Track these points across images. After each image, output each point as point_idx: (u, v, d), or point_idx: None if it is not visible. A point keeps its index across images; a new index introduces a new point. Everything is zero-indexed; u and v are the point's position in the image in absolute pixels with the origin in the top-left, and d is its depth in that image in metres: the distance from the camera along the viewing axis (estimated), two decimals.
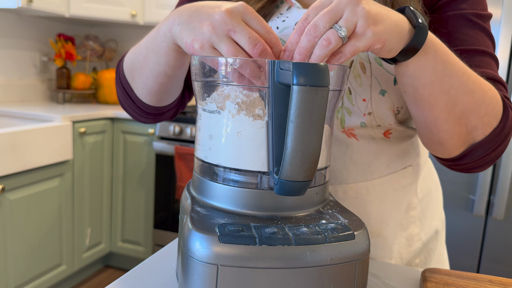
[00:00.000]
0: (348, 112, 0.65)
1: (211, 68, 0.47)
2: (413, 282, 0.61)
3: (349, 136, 0.67)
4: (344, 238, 0.44)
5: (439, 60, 0.53)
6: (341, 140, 0.67)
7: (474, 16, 0.64)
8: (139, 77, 0.67)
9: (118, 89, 0.73)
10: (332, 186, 0.69)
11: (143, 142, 2.36)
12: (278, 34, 0.66)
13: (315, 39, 0.45)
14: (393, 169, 0.70)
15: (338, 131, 0.66)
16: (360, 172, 0.68)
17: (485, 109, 0.57)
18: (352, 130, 0.66)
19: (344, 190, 0.69)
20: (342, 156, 0.68)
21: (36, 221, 1.94)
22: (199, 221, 0.44)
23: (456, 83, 0.54)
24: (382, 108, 0.64)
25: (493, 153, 0.60)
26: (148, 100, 0.70)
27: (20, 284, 1.89)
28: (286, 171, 0.41)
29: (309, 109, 0.39)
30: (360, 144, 0.67)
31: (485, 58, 0.63)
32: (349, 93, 0.63)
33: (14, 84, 2.48)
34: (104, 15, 2.48)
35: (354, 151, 0.67)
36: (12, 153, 1.74)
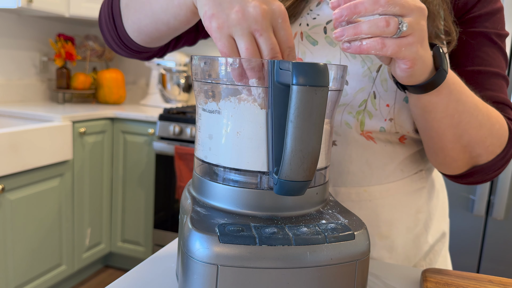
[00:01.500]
0: (370, 115, 0.65)
1: (212, 68, 0.47)
2: (413, 282, 0.61)
3: (367, 138, 0.67)
4: (344, 238, 0.44)
5: (452, 99, 0.55)
6: (360, 142, 0.67)
7: (495, 36, 0.66)
8: (134, 10, 0.63)
9: (105, 8, 0.68)
10: (346, 188, 0.69)
11: (143, 142, 2.36)
12: (308, 32, 0.66)
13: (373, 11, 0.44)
14: (407, 174, 0.71)
15: (357, 133, 0.66)
16: (375, 176, 0.69)
17: (491, 140, 0.60)
18: (370, 133, 0.67)
19: (358, 193, 0.69)
20: (359, 158, 0.68)
21: (36, 221, 1.94)
22: (199, 221, 0.44)
23: (466, 119, 0.57)
24: (403, 115, 0.64)
25: (494, 173, 0.64)
26: (134, 37, 0.66)
27: (20, 284, 1.89)
28: (285, 171, 0.41)
29: (308, 109, 0.39)
30: (377, 147, 0.68)
31: (498, 81, 0.66)
32: (374, 97, 0.64)
33: (14, 84, 2.48)
34: None
35: (371, 154, 0.68)
36: (12, 153, 1.74)
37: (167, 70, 2.67)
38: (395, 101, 0.63)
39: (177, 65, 2.68)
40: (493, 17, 0.66)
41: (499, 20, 0.67)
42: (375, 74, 0.62)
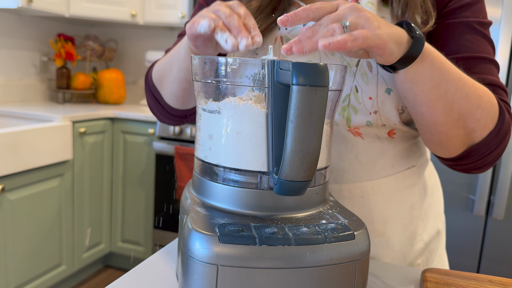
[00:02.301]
0: (355, 110, 0.66)
1: (211, 68, 0.47)
2: (413, 282, 0.61)
3: (354, 135, 0.68)
4: (344, 238, 0.44)
5: (435, 67, 0.57)
6: (347, 138, 0.68)
7: (477, 24, 0.67)
8: (166, 84, 0.75)
9: (148, 97, 0.81)
10: (338, 185, 0.69)
11: (143, 142, 2.36)
12: (287, 34, 0.68)
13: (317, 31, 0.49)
14: (398, 169, 0.72)
15: (344, 129, 0.67)
16: (366, 171, 0.69)
17: (481, 112, 0.60)
18: (358, 128, 0.67)
19: (350, 189, 0.69)
20: (348, 155, 0.69)
21: (36, 221, 1.94)
22: (199, 221, 0.44)
23: (452, 88, 0.58)
24: (387, 107, 0.65)
25: (491, 154, 0.63)
26: (174, 104, 0.77)
27: (20, 284, 1.89)
28: (285, 171, 0.41)
29: (308, 109, 0.39)
30: (365, 143, 0.68)
31: (486, 65, 0.66)
32: (356, 91, 0.65)
33: (14, 84, 2.48)
34: (104, 15, 2.48)
35: (360, 150, 0.69)
36: (12, 153, 1.74)
37: None
38: (377, 93, 0.65)
39: None
40: (473, 6, 0.67)
41: (480, 9, 0.68)
42: (354, 68, 0.64)
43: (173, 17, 2.51)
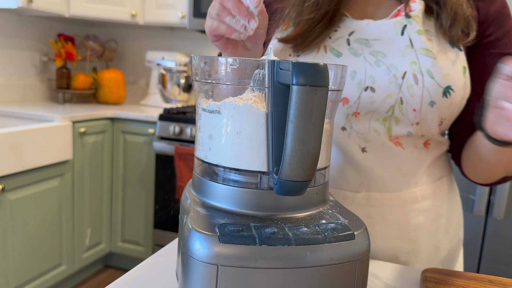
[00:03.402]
0: (396, 121, 0.67)
1: (212, 68, 0.47)
2: (413, 282, 0.61)
3: (396, 144, 0.69)
4: (344, 238, 0.44)
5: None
6: (389, 148, 0.69)
7: None
8: None
9: None
10: (380, 194, 0.70)
11: (143, 142, 2.36)
12: (331, 44, 0.68)
13: None
14: (431, 179, 0.73)
15: (386, 139, 0.68)
16: (406, 181, 0.70)
17: None
18: (398, 138, 0.69)
19: (390, 198, 0.70)
20: (390, 164, 0.69)
21: (36, 221, 1.94)
22: (199, 221, 0.44)
23: None
24: (429, 119, 0.67)
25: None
26: None
27: (20, 284, 1.89)
28: (285, 171, 0.41)
29: (308, 109, 0.39)
30: (406, 153, 0.69)
31: None
32: (401, 102, 0.66)
33: (14, 84, 2.48)
34: (104, 15, 2.48)
35: (401, 159, 0.69)
36: (12, 153, 1.74)
37: (167, 70, 2.67)
38: (421, 105, 0.65)
39: (177, 65, 2.68)
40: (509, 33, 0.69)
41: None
42: (400, 80, 0.65)
43: (173, 17, 2.51)
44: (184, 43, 2.89)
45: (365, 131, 0.68)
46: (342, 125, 0.69)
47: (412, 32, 0.65)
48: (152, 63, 2.73)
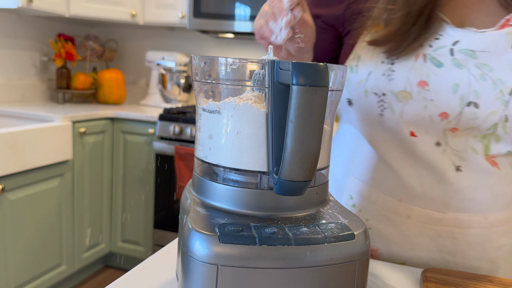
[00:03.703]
0: (497, 139, 0.63)
1: (212, 68, 0.47)
2: (413, 282, 0.61)
3: (492, 164, 0.65)
4: (344, 238, 0.44)
5: None
6: (485, 168, 0.65)
7: None
8: None
9: None
10: (468, 215, 0.66)
11: (143, 142, 2.36)
12: (431, 53, 0.63)
13: None
14: None
15: (482, 158, 0.64)
16: (497, 203, 0.67)
17: None
18: (494, 157, 0.65)
19: (479, 221, 0.67)
20: (483, 185, 0.66)
21: (36, 221, 1.94)
22: (199, 221, 0.44)
23: None
24: None
25: None
26: None
27: (20, 284, 1.89)
28: (285, 171, 0.41)
29: (308, 109, 0.39)
30: (501, 174, 0.66)
31: None
32: (505, 120, 0.61)
33: (14, 84, 2.48)
34: (104, 15, 2.48)
35: (496, 180, 0.66)
36: (12, 153, 1.74)
37: (167, 70, 2.67)
38: None
39: (177, 65, 2.68)
40: None
41: None
42: (507, 97, 0.60)
43: (173, 17, 2.52)
44: (184, 43, 2.89)
45: (462, 149, 0.64)
46: (436, 140, 0.64)
47: None
48: (152, 63, 2.73)
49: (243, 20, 2.31)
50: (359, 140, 0.74)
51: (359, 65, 0.67)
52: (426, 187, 0.67)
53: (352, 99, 0.70)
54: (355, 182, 0.74)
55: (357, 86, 0.68)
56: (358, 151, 0.74)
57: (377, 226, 0.72)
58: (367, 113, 0.68)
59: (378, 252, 0.73)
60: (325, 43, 0.76)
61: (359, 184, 0.74)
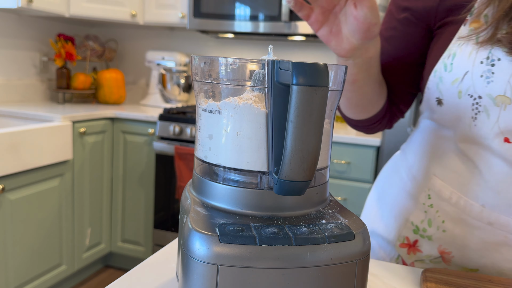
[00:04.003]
0: None
1: (212, 68, 0.47)
2: (413, 282, 0.61)
3: None
4: (344, 238, 0.44)
5: None
6: None
7: None
8: None
9: None
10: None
11: (143, 142, 2.36)
12: None
13: None
14: None
15: None
16: None
17: None
18: None
19: None
20: None
21: (36, 221, 1.94)
22: (199, 221, 0.44)
23: None
24: None
25: None
26: (348, 114, 0.77)
27: (20, 284, 1.89)
28: (285, 171, 0.41)
29: (308, 109, 0.39)
30: None
31: None
32: None
33: (14, 84, 2.48)
34: (104, 15, 2.48)
35: None
36: (12, 153, 1.74)
37: (167, 70, 2.67)
38: None
39: (177, 65, 2.68)
40: None
41: None
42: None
43: (173, 17, 2.52)
44: (184, 43, 2.89)
45: None
46: None
47: None
48: (152, 63, 2.73)
49: (243, 20, 2.31)
50: (444, 140, 0.70)
51: (454, 63, 0.62)
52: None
53: (443, 99, 0.65)
54: (436, 182, 0.70)
55: (450, 86, 0.63)
56: (442, 151, 0.70)
57: (453, 229, 0.68)
58: (459, 115, 0.64)
59: (450, 255, 0.69)
60: (412, 38, 0.72)
61: (440, 185, 0.70)
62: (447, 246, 0.69)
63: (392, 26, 0.74)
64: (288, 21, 2.23)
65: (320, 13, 0.59)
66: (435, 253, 0.70)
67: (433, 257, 0.71)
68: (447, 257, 0.69)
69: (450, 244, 0.69)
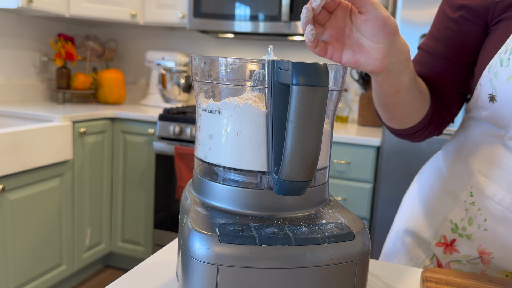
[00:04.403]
0: None
1: (212, 68, 0.47)
2: (413, 282, 0.61)
3: None
4: (344, 238, 0.44)
5: None
6: None
7: None
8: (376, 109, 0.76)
9: None
10: None
11: (143, 142, 2.36)
12: None
13: None
14: None
15: None
16: None
17: None
18: None
19: None
20: None
21: (36, 221, 1.94)
22: (199, 221, 0.44)
23: None
24: None
25: None
26: (393, 125, 0.76)
27: (20, 284, 1.89)
28: (285, 171, 0.41)
29: (308, 109, 0.39)
30: None
31: None
32: None
33: (14, 84, 2.48)
34: (104, 15, 2.48)
35: None
36: (12, 153, 1.74)
37: (167, 70, 2.67)
38: None
39: (177, 65, 2.68)
40: None
41: None
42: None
43: (173, 17, 2.52)
44: (184, 43, 2.89)
45: None
46: None
47: None
48: (152, 63, 2.73)
49: (243, 20, 2.31)
50: (492, 137, 0.68)
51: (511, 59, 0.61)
52: None
53: (496, 95, 0.63)
54: (480, 179, 0.69)
55: (506, 82, 0.61)
56: (489, 148, 0.69)
57: (495, 228, 0.66)
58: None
59: (490, 256, 0.67)
60: (469, 37, 0.71)
61: (484, 181, 0.68)
62: (488, 246, 0.67)
63: (445, 26, 0.73)
64: (288, 21, 2.23)
65: (335, 41, 0.58)
66: (474, 253, 0.68)
67: (471, 258, 0.69)
68: (486, 258, 0.68)
69: (491, 244, 0.67)
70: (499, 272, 0.67)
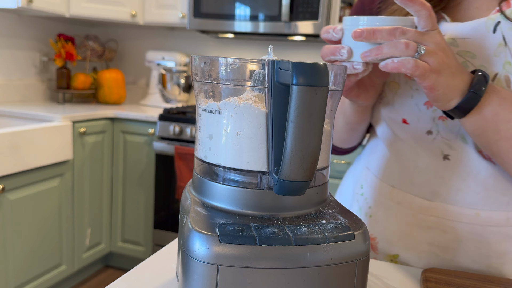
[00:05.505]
0: None
1: (212, 68, 0.47)
2: (413, 282, 0.61)
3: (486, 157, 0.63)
4: (344, 238, 0.44)
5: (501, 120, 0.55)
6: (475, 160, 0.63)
7: None
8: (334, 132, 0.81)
9: None
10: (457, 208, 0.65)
11: (143, 142, 2.36)
12: None
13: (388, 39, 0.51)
14: None
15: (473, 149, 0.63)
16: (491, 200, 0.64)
17: None
18: None
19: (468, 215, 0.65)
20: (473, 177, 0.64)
21: (36, 221, 1.94)
22: (199, 221, 0.44)
23: None
24: None
25: None
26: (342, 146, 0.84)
27: (20, 284, 1.89)
28: (285, 171, 0.41)
29: (308, 109, 0.39)
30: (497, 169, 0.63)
31: None
32: None
33: (14, 84, 2.48)
34: (104, 15, 2.48)
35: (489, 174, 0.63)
36: (12, 153, 1.74)
37: (167, 70, 2.67)
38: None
39: (177, 65, 2.68)
40: None
41: None
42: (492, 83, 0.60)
43: (173, 17, 2.52)
44: (184, 43, 2.89)
45: (452, 137, 0.64)
46: (428, 129, 0.65)
47: (506, 30, 0.58)
48: (152, 63, 2.73)
49: (243, 20, 2.31)
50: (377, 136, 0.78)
51: None
52: (415, 173, 0.68)
53: None
54: (365, 171, 0.79)
55: None
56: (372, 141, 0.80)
57: (376, 213, 0.74)
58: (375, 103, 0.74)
59: (376, 241, 0.74)
60: None
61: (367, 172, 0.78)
62: (373, 231, 0.74)
63: None
64: (288, 21, 2.23)
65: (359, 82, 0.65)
66: None
67: None
68: (373, 242, 0.74)
69: (374, 228, 0.74)
70: (386, 257, 0.72)
